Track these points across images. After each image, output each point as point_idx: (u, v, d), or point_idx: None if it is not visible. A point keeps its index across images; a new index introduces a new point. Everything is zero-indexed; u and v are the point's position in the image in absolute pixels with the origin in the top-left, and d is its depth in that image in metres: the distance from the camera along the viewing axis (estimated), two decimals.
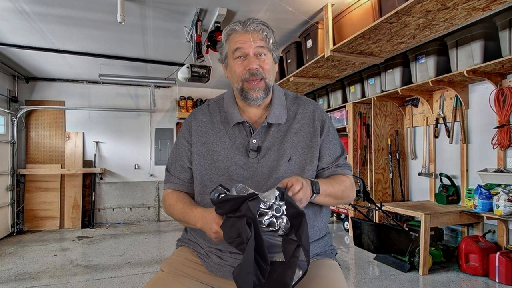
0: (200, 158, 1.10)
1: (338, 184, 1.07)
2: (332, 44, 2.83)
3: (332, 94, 4.43)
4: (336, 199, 1.07)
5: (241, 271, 0.76)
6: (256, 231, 0.78)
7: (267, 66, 1.07)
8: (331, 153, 1.12)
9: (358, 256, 3.19)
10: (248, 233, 0.77)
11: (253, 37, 1.03)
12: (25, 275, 2.81)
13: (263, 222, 0.82)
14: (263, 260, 0.80)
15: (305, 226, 0.82)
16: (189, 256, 1.11)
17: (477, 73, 2.62)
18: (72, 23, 2.99)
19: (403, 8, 2.06)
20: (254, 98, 1.07)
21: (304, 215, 0.84)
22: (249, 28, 1.04)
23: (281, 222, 0.83)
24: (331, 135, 1.14)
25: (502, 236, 2.62)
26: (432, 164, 3.41)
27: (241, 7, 2.72)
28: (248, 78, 1.05)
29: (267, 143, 1.09)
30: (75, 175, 4.80)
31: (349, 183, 1.11)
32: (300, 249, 0.81)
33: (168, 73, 4.51)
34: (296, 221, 0.84)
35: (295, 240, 0.82)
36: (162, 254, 3.40)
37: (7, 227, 4.29)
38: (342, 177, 1.11)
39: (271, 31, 1.08)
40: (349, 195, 1.11)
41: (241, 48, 1.04)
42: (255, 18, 1.07)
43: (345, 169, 1.13)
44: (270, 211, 0.83)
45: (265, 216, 0.83)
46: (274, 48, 1.09)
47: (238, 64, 1.06)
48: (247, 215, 0.79)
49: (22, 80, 4.70)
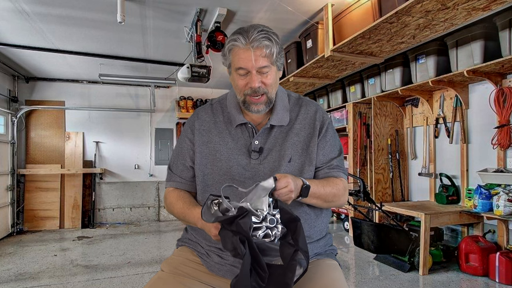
0: (203, 158, 1.11)
1: (330, 186, 1.04)
2: (332, 44, 2.83)
3: (332, 94, 4.43)
4: (326, 202, 1.05)
5: (237, 283, 0.76)
6: (251, 247, 0.78)
7: (269, 81, 1.04)
8: (325, 153, 1.11)
9: (358, 256, 3.19)
10: (242, 251, 0.77)
11: (256, 56, 0.99)
12: (25, 275, 2.81)
13: (258, 236, 0.82)
14: (261, 269, 0.80)
15: (301, 231, 0.82)
16: (189, 256, 1.11)
17: (477, 73, 2.62)
18: (72, 23, 2.99)
19: (403, 8, 2.06)
20: (255, 111, 1.07)
21: (299, 220, 0.83)
22: (252, 46, 0.98)
23: (276, 232, 0.83)
24: (328, 136, 1.12)
25: (502, 236, 2.62)
26: (432, 164, 3.41)
27: (241, 7, 2.72)
28: (250, 94, 1.04)
29: (269, 144, 1.09)
30: (75, 175, 4.80)
31: (341, 185, 1.08)
32: (298, 252, 0.81)
33: (168, 73, 4.51)
34: (292, 225, 0.84)
35: (293, 244, 0.82)
36: (162, 254, 3.40)
37: (7, 227, 4.29)
38: (335, 180, 1.08)
39: (275, 43, 1.02)
40: (341, 199, 1.08)
41: (244, 68, 1.01)
42: (259, 28, 1.00)
43: (338, 172, 1.11)
44: (264, 223, 0.82)
45: (259, 230, 0.82)
46: (277, 58, 1.05)
47: (241, 80, 1.04)
48: (240, 233, 0.78)
49: (22, 80, 4.71)
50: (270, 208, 0.84)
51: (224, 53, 1.08)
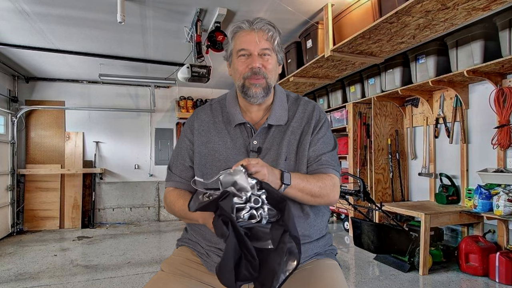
0: (202, 157, 1.11)
1: (315, 180, 1.01)
2: (332, 44, 2.83)
3: (332, 94, 4.43)
4: (313, 196, 1.01)
5: (221, 268, 0.75)
6: (235, 228, 0.76)
7: (269, 66, 1.07)
8: (316, 149, 1.08)
9: (358, 256, 3.19)
10: (225, 232, 0.75)
11: (259, 37, 1.04)
12: (25, 275, 2.81)
13: (243, 217, 0.80)
14: (250, 254, 0.78)
15: (290, 212, 0.80)
16: (189, 256, 1.11)
17: (477, 73, 2.62)
18: (72, 23, 2.99)
19: (403, 8, 2.06)
20: (253, 95, 1.07)
21: (286, 200, 0.81)
22: (255, 27, 1.05)
23: (261, 212, 0.81)
24: (321, 133, 1.11)
25: (502, 236, 2.62)
26: (432, 164, 3.41)
27: (241, 7, 2.72)
28: (250, 76, 1.06)
29: (267, 144, 1.09)
30: (75, 175, 4.80)
31: (329, 181, 1.03)
32: (288, 235, 0.78)
33: (168, 73, 4.51)
34: (280, 206, 0.82)
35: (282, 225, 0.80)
36: (162, 254, 3.40)
37: (7, 227, 4.29)
38: (323, 175, 1.05)
39: (277, 32, 1.08)
40: (329, 194, 1.03)
41: (246, 49, 1.05)
42: (262, 18, 1.07)
43: (327, 168, 1.07)
44: (248, 204, 0.81)
45: (243, 210, 0.80)
46: (279, 49, 1.10)
47: (241, 62, 1.07)
48: (222, 214, 0.77)
49: (22, 80, 4.71)
50: (254, 190, 0.82)
51: (227, 41, 1.12)
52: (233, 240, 0.76)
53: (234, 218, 0.78)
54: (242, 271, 0.78)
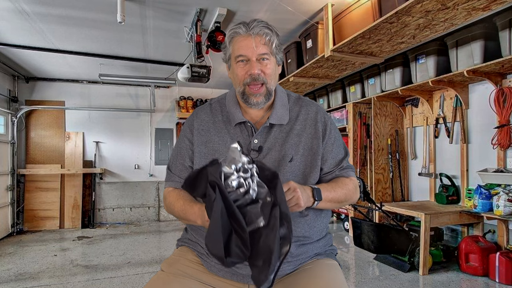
0: (202, 157, 1.11)
1: (340, 188, 1.06)
2: (332, 44, 2.83)
3: (332, 94, 4.43)
4: (339, 203, 1.07)
5: (209, 238, 0.74)
6: (222, 192, 0.75)
7: (268, 70, 1.07)
8: (334, 156, 1.12)
9: (358, 256, 3.19)
10: (212, 195, 0.74)
11: (256, 42, 1.03)
12: (25, 275, 2.81)
13: (231, 185, 0.79)
14: (240, 227, 0.76)
15: (281, 188, 0.79)
16: (189, 256, 1.11)
17: (477, 73, 2.62)
18: (72, 23, 2.99)
19: (403, 8, 2.06)
20: (255, 103, 1.07)
21: (278, 175, 0.81)
22: (252, 32, 1.03)
23: (249, 182, 0.80)
24: (333, 138, 1.13)
25: (502, 236, 2.62)
26: (432, 164, 3.41)
27: (241, 7, 2.72)
28: (250, 83, 1.05)
29: (268, 143, 1.09)
30: (75, 175, 4.80)
31: (352, 185, 1.10)
32: (278, 209, 0.76)
33: (168, 73, 4.51)
34: (272, 184, 0.81)
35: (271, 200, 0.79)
36: (162, 254, 3.40)
37: (7, 227, 4.29)
38: (344, 180, 1.10)
39: (275, 34, 1.07)
40: (352, 197, 1.11)
41: (244, 55, 1.05)
42: (260, 20, 1.06)
43: (348, 171, 1.13)
44: (236, 172, 0.80)
45: (232, 176, 0.79)
46: (277, 51, 1.09)
47: (240, 68, 1.06)
48: (209, 179, 0.76)
49: (22, 80, 4.71)
50: (245, 162, 0.82)
51: (225, 45, 1.11)
52: (219, 203, 0.74)
53: (221, 182, 0.77)
54: (233, 247, 0.75)
